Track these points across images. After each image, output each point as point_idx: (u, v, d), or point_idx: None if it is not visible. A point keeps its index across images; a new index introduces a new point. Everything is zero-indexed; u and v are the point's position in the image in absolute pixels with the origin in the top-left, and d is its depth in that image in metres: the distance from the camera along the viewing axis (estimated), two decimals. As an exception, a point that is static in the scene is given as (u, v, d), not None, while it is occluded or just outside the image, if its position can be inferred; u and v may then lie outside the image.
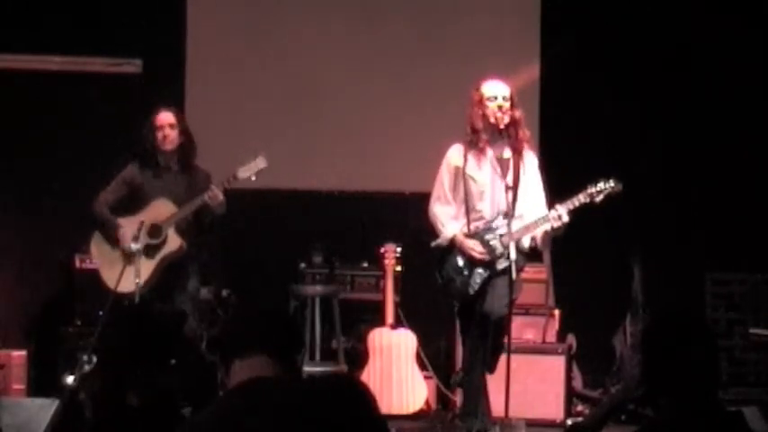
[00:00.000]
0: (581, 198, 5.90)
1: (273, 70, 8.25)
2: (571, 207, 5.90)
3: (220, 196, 6.32)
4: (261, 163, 6.39)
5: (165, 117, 6.48)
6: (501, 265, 5.93)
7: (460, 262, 6.02)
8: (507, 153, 6.01)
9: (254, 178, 6.41)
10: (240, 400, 2.62)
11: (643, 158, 8.02)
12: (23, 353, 7.34)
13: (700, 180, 8.03)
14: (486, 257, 5.95)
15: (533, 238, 6.07)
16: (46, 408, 4.79)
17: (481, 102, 6.02)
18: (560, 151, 7.72)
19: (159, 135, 6.43)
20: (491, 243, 5.96)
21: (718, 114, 8.07)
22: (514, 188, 5.93)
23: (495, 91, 6.02)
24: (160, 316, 3.49)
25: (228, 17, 8.35)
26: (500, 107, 5.96)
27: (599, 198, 5.90)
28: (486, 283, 5.96)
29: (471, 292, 5.98)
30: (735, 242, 7.92)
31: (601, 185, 5.90)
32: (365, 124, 8.23)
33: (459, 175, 6.07)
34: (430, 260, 6.28)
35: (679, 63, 8.10)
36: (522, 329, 7.25)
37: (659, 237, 7.94)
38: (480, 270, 5.98)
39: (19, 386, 7.19)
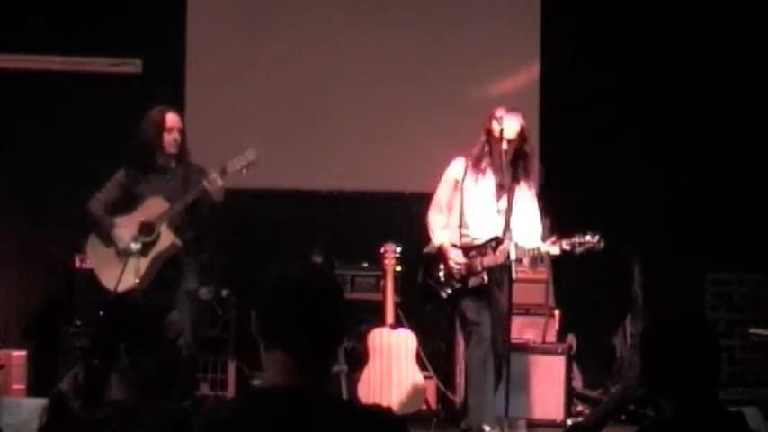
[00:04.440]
0: (563, 245, 6.00)
1: (273, 70, 8.24)
2: (556, 250, 6.03)
3: (219, 182, 6.23)
4: (250, 155, 6.29)
5: (175, 120, 6.41)
6: (472, 283, 6.10)
7: (440, 267, 6.19)
8: (507, 180, 6.11)
9: (244, 172, 6.32)
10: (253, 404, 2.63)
11: (643, 158, 8.02)
12: (23, 353, 7.34)
13: (700, 180, 8.02)
14: (463, 271, 6.11)
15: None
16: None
17: (494, 133, 6.06)
18: (560, 152, 7.72)
19: (168, 138, 6.36)
20: (473, 260, 6.11)
21: (719, 114, 8.06)
22: (507, 215, 6.07)
23: (512, 132, 6.06)
24: (138, 305, 3.48)
25: (228, 17, 8.34)
26: (510, 142, 6.06)
27: (579, 250, 5.99)
28: (457, 295, 6.13)
29: (443, 296, 6.19)
30: (735, 242, 7.92)
31: (588, 238, 5.97)
32: (365, 124, 8.23)
33: (458, 189, 6.20)
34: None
35: (679, 63, 8.09)
36: (522, 329, 7.25)
37: (659, 237, 7.93)
38: (455, 282, 6.16)
39: (19, 386, 7.19)
